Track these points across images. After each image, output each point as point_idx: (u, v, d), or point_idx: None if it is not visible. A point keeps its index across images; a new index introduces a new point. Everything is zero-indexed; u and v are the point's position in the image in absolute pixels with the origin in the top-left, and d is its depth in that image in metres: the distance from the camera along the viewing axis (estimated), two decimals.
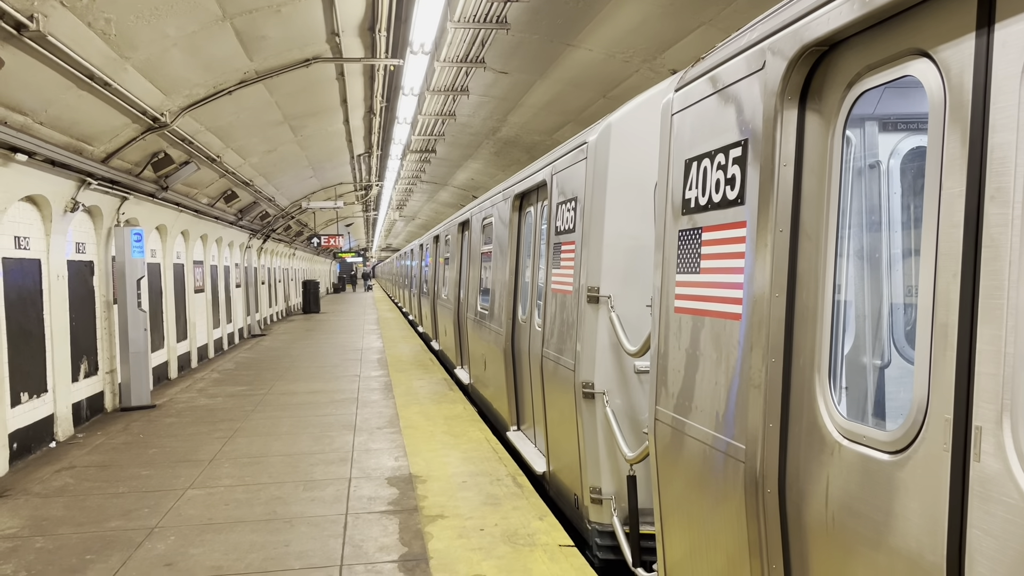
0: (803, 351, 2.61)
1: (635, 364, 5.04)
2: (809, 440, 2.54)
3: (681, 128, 3.55)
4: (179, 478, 7.24)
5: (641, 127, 5.13)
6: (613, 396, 5.14)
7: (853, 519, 2.29)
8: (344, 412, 10.14)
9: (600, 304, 5.17)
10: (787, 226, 2.67)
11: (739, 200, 2.96)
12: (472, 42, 11.30)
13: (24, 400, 8.25)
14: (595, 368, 5.18)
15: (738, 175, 2.96)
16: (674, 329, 3.55)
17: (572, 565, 4.96)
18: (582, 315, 5.31)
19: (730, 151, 3.04)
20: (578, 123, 14.42)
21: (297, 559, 5.21)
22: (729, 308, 3.03)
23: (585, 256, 5.32)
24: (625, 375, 5.13)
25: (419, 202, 37.92)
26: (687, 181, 3.44)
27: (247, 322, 22.15)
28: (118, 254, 10.76)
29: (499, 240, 8.89)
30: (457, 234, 13.21)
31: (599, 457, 5.20)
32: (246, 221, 19.72)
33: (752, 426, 2.78)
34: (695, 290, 3.34)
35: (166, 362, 13.79)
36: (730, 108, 3.07)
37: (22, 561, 5.32)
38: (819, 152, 2.60)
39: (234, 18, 8.44)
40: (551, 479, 6.45)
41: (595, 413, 5.19)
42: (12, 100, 7.24)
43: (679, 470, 3.47)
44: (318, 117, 14.58)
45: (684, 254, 3.45)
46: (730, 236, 3.03)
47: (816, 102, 2.62)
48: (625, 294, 5.12)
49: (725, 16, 8.92)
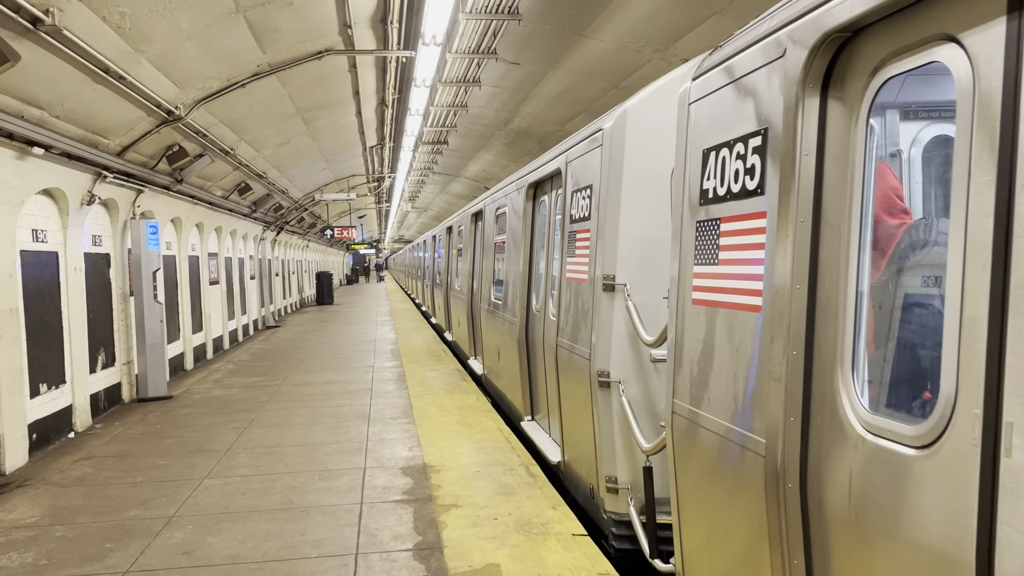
0: (825, 343, 2.55)
1: (651, 353, 4.95)
2: (831, 434, 2.48)
3: (698, 117, 3.49)
4: (196, 468, 7.32)
5: (657, 114, 5.05)
6: (629, 385, 5.07)
7: (877, 514, 2.25)
8: (358, 402, 10.20)
9: (616, 292, 5.10)
10: (808, 216, 2.61)
11: (759, 190, 2.90)
12: (484, 33, 11.28)
13: (43, 391, 8.35)
14: (611, 357, 5.11)
15: (758, 165, 2.91)
16: (691, 321, 3.48)
17: (585, 554, 4.98)
18: (597, 303, 5.24)
19: (749, 140, 2.98)
20: (590, 114, 14.38)
21: (313, 547, 5.27)
22: (748, 300, 2.96)
23: (601, 244, 5.24)
24: (642, 364, 5.06)
25: (431, 193, 37.95)
26: (705, 171, 3.37)
27: (261, 314, 22.28)
28: (134, 246, 10.85)
29: (513, 230, 8.84)
30: (470, 225, 13.14)
31: (615, 447, 5.14)
32: (260, 213, 19.81)
33: (773, 420, 2.73)
34: (713, 282, 3.27)
35: (182, 353, 13.90)
36: (749, 97, 3.01)
37: (43, 549, 5.41)
38: (841, 141, 2.54)
39: (247, 11, 8.47)
40: (566, 469, 6.41)
41: (611, 402, 5.13)
42: (29, 94, 7.31)
43: (696, 462, 3.42)
44: (331, 109, 14.62)
45: (702, 245, 3.38)
46: (749, 227, 2.98)
47: (838, 90, 2.56)
48: (641, 282, 5.05)
49: (737, 5, 8.86)
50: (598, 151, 5.45)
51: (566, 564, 4.84)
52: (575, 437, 6.01)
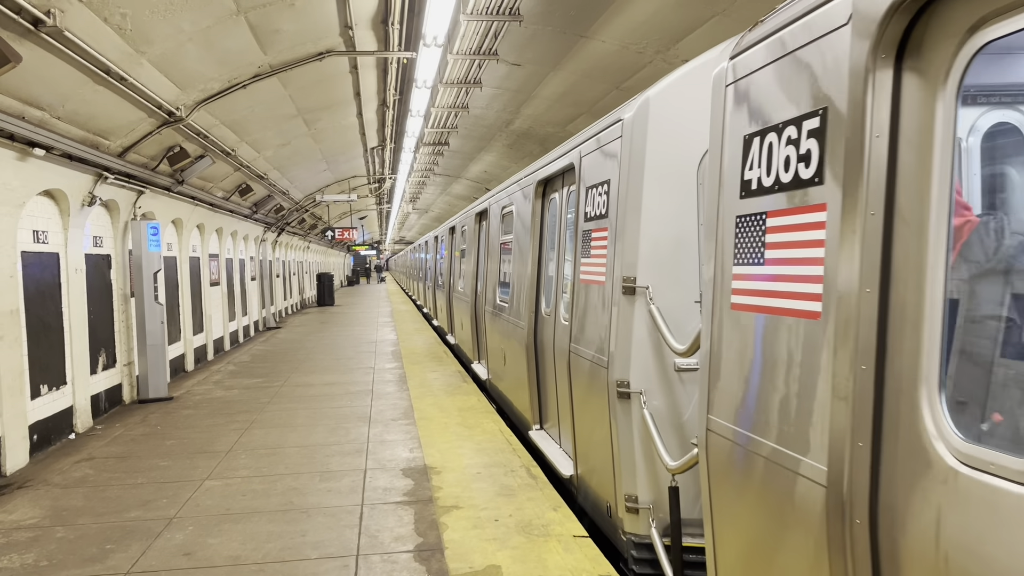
0: (901, 357, 2.20)
1: (676, 361, 4.62)
2: (911, 464, 2.14)
3: (738, 100, 3.15)
4: (197, 469, 7.32)
5: (682, 102, 4.71)
6: (651, 396, 4.70)
7: (976, 563, 1.90)
8: (359, 404, 10.20)
9: (637, 296, 4.74)
10: (880, 208, 2.26)
11: (816, 179, 2.56)
12: (485, 34, 11.28)
13: (44, 392, 8.35)
14: (631, 365, 4.74)
15: (815, 150, 2.57)
16: (730, 328, 3.14)
17: (586, 555, 4.97)
18: (616, 308, 4.88)
19: (804, 123, 2.65)
20: (591, 115, 14.38)
21: (314, 549, 5.26)
22: (804, 305, 2.63)
23: (620, 244, 4.90)
24: (665, 373, 4.70)
25: (432, 195, 37.95)
26: (747, 160, 3.04)
27: (262, 315, 22.29)
28: (135, 247, 10.85)
29: (520, 229, 8.49)
30: (474, 225, 12.75)
31: (635, 463, 4.78)
32: (261, 214, 19.82)
33: (836, 445, 2.39)
34: (758, 284, 2.95)
35: (183, 354, 13.91)
36: (803, 73, 2.68)
37: (43, 551, 5.40)
38: (921, 120, 2.19)
39: (248, 12, 8.47)
40: (579, 484, 6.05)
41: (631, 415, 4.77)
42: (30, 95, 7.31)
43: (738, 487, 3.07)
44: (332, 111, 14.62)
45: (743, 243, 3.05)
46: (804, 221, 2.65)
47: (916, 59, 2.21)
48: (665, 284, 4.68)
49: (739, 6, 8.86)
50: (616, 143, 5.11)
51: (567, 566, 4.83)
52: (590, 450, 5.66)
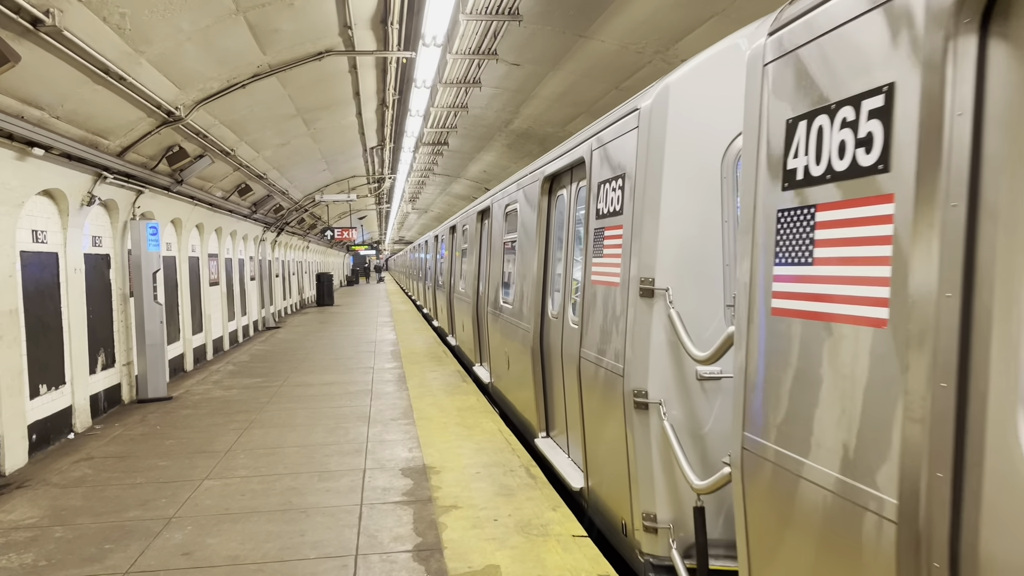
0: (991, 372, 1.89)
1: (698, 369, 4.35)
2: (1003, 499, 1.86)
3: (779, 80, 2.87)
4: (196, 469, 7.32)
5: (704, 89, 4.40)
6: (671, 407, 4.39)
7: None
8: (358, 404, 10.20)
9: (655, 298, 4.45)
10: (963, 200, 1.96)
11: (880, 166, 2.26)
12: (484, 34, 11.29)
13: (43, 392, 8.35)
14: (649, 373, 4.45)
15: (878, 133, 2.27)
16: (771, 336, 2.85)
17: (585, 555, 4.97)
18: (632, 311, 4.59)
19: (863, 102, 2.34)
20: (590, 115, 14.38)
21: (313, 549, 5.26)
22: (865, 311, 2.32)
23: (636, 242, 4.59)
24: (685, 381, 4.40)
25: (432, 195, 37.97)
26: (791, 146, 2.75)
27: (262, 315, 22.28)
28: (134, 247, 10.84)
29: (525, 228, 8.16)
30: (476, 223, 12.40)
31: (654, 478, 4.47)
32: (260, 214, 19.82)
33: (909, 475, 2.10)
34: (805, 286, 2.66)
35: (182, 354, 13.90)
36: (862, 45, 2.37)
37: (42, 550, 5.40)
38: (1011, 96, 1.88)
39: (247, 12, 8.47)
40: (590, 497, 5.74)
41: (649, 426, 4.46)
42: (29, 95, 7.31)
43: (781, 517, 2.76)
44: (331, 110, 14.62)
45: (787, 240, 2.77)
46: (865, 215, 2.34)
47: (1004, 24, 1.88)
48: (686, 286, 4.39)
49: (738, 7, 8.87)
50: (633, 135, 4.79)
51: (566, 565, 4.83)
52: (602, 462, 5.33)
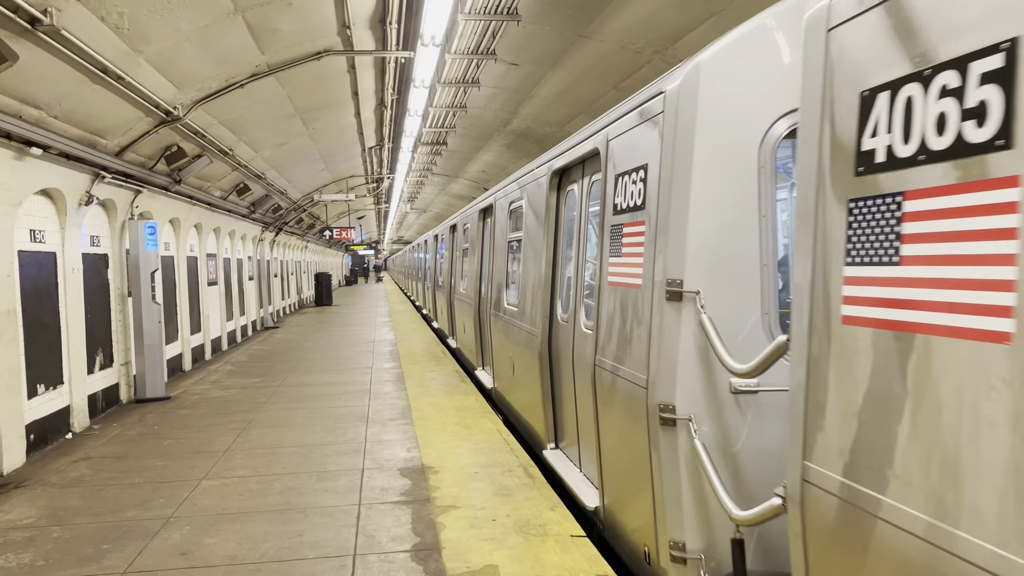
0: None
1: (732, 381, 3.91)
2: None
3: (850, 46, 2.51)
4: (194, 469, 7.31)
5: (739, 68, 4.00)
6: (702, 423, 3.95)
7: None
8: (357, 403, 10.19)
9: (684, 302, 4.02)
10: None
11: (999, 142, 1.92)
12: (483, 34, 11.29)
13: (41, 392, 8.34)
14: (676, 385, 4.02)
15: (995, 101, 1.93)
16: (841, 349, 2.49)
17: (583, 555, 4.97)
18: (658, 316, 4.18)
19: (972, 64, 1.99)
20: (588, 115, 14.38)
21: (311, 549, 5.26)
22: (977, 322, 1.97)
23: (661, 240, 4.18)
24: (717, 395, 3.97)
25: (431, 194, 37.97)
26: (867, 124, 2.39)
27: (260, 315, 22.27)
28: (132, 247, 10.83)
29: (531, 226, 7.76)
30: (478, 222, 11.98)
31: (682, 503, 4.04)
32: (259, 214, 19.81)
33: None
34: (888, 290, 2.30)
35: (180, 354, 13.89)
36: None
37: (40, 550, 5.39)
38: None
39: (246, 11, 8.47)
40: (606, 518, 5.29)
41: (676, 445, 4.03)
42: (27, 94, 7.30)
43: (860, 566, 2.38)
44: (330, 110, 14.62)
45: (862, 235, 2.41)
46: (977, 203, 1.99)
47: None
48: (718, 289, 3.96)
49: (737, 6, 8.87)
50: (656, 121, 4.39)
51: (564, 565, 4.83)
52: (620, 480, 4.93)
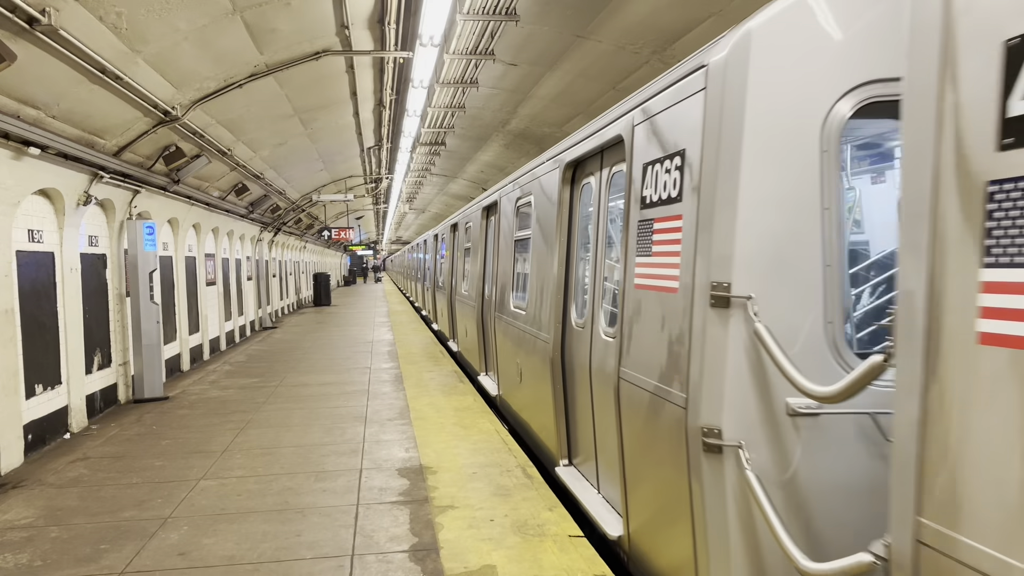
0: None
1: (789, 401, 3.34)
2: None
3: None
4: (192, 469, 7.31)
5: (798, 36, 3.42)
6: (754, 450, 3.37)
7: None
8: (355, 404, 10.19)
9: (733, 309, 3.46)
10: None
11: None
12: (481, 34, 11.29)
13: (39, 392, 8.33)
14: (724, 405, 3.44)
15: None
16: (975, 375, 2.01)
17: (582, 555, 4.97)
18: (699, 325, 3.63)
19: None
20: (587, 115, 14.38)
21: (309, 549, 5.26)
22: None
23: (704, 236, 3.64)
24: (773, 417, 3.39)
25: (429, 194, 37.96)
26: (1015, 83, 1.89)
27: (258, 315, 22.26)
28: (130, 247, 10.83)
29: (542, 223, 7.28)
30: (481, 220, 11.45)
31: (730, 543, 3.48)
32: (257, 214, 19.80)
33: None
34: None
35: (178, 354, 13.88)
36: None
37: (37, 550, 5.39)
38: None
39: (244, 11, 8.47)
40: (631, 550, 4.72)
41: (723, 475, 3.46)
42: (25, 94, 7.29)
43: None
44: (328, 110, 14.62)
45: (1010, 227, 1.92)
46: None
47: None
48: (772, 293, 3.40)
49: (735, 7, 8.87)
50: (696, 100, 3.84)
51: (562, 565, 4.83)
52: (651, 509, 4.36)
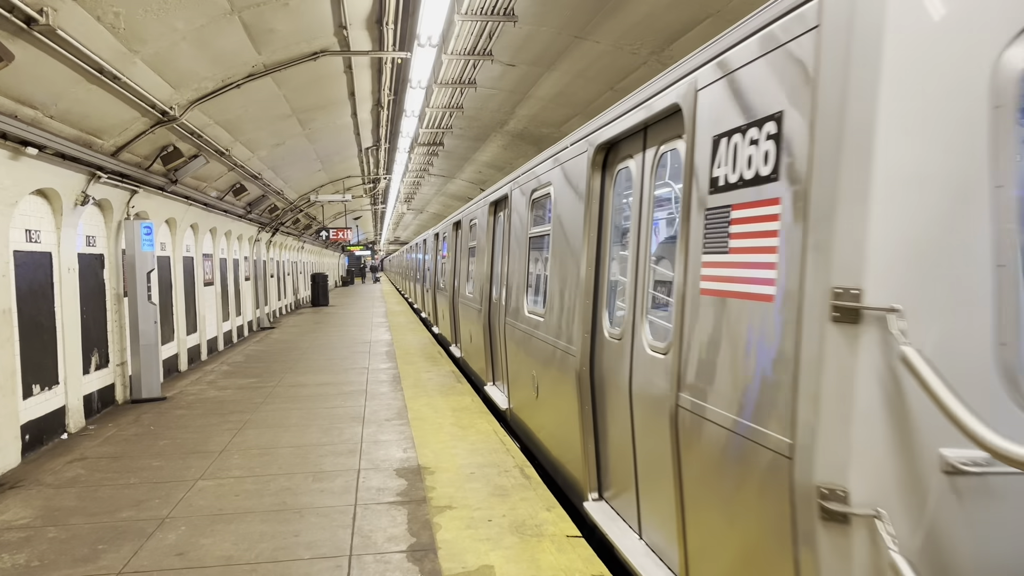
0: None
1: (946, 455, 2.48)
2: None
3: None
4: (189, 469, 7.30)
5: None
6: (898, 521, 2.50)
7: None
8: (353, 404, 10.19)
9: (865, 325, 2.53)
10: None
11: None
12: (480, 35, 11.29)
13: (36, 392, 8.32)
14: (851, 458, 2.55)
15: None
16: None
17: (579, 555, 4.98)
18: (813, 346, 2.68)
19: None
20: (585, 115, 14.39)
21: (307, 549, 5.25)
22: None
23: (820, 228, 2.69)
24: (921, 476, 2.51)
25: (428, 195, 37.94)
26: None
27: (256, 315, 22.24)
28: (128, 247, 10.82)
29: (565, 217, 6.27)
30: (488, 216, 10.67)
31: None
32: (255, 214, 19.79)
33: None
34: None
35: (176, 354, 13.87)
36: None
37: (35, 551, 5.38)
38: None
39: (242, 11, 8.46)
40: None
41: (850, 556, 2.56)
42: (22, 94, 7.29)
43: None
44: (326, 110, 14.61)
45: None
46: None
47: None
48: (919, 304, 2.50)
49: (733, 7, 8.89)
50: (804, 43, 2.83)
51: (560, 566, 4.83)
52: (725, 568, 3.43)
